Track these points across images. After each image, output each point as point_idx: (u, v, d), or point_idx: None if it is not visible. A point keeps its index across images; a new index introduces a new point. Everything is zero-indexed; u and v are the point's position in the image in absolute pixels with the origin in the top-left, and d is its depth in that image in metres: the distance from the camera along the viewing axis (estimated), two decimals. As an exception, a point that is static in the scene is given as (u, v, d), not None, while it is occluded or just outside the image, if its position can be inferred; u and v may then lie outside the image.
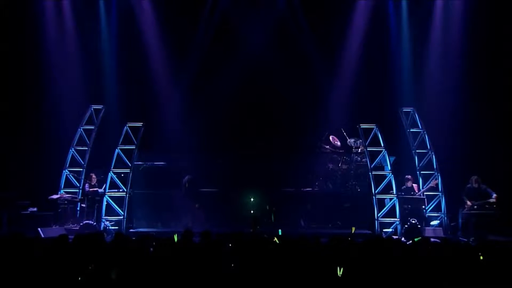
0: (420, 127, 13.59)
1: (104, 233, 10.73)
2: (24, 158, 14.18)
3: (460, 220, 12.72)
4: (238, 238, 7.15)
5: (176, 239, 7.34)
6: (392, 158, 13.29)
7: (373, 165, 12.88)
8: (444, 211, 13.12)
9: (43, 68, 14.81)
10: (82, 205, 13.09)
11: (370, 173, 12.85)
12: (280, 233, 10.53)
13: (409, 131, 13.73)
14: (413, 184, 13.17)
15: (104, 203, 12.76)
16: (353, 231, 10.07)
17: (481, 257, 5.90)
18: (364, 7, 15.42)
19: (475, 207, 12.33)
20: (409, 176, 13.17)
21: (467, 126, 14.23)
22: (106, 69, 15.51)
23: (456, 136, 14.12)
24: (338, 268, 5.59)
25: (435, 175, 13.31)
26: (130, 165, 12.95)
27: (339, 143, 14.62)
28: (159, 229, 12.97)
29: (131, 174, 12.93)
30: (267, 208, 13.32)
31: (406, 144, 13.95)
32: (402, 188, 13.02)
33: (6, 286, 5.40)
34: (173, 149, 14.55)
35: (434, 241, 8.40)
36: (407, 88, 15.21)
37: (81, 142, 13.72)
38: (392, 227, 12.58)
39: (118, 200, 12.78)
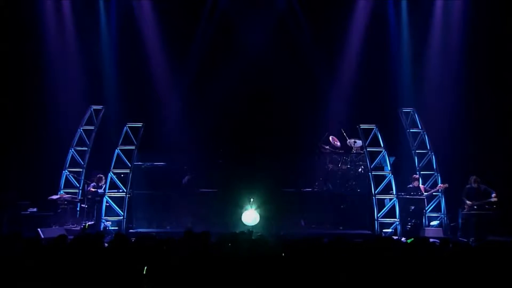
0: (420, 127, 13.59)
1: (104, 234, 10.70)
2: (24, 158, 14.17)
3: (460, 220, 12.73)
4: (238, 238, 7.15)
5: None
6: (392, 159, 13.28)
7: (373, 165, 12.88)
8: (444, 211, 13.13)
9: (43, 68, 14.81)
10: (82, 205, 13.09)
11: (370, 173, 12.84)
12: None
13: (409, 131, 13.74)
14: (420, 185, 13.14)
15: (104, 203, 12.75)
16: None
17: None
18: (364, 7, 15.41)
19: (475, 207, 12.33)
20: (416, 176, 13.14)
21: (467, 126, 14.23)
22: (106, 69, 15.50)
23: (456, 136, 14.12)
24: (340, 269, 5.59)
25: (435, 175, 13.33)
26: (130, 165, 12.94)
27: (339, 144, 14.61)
28: (159, 229, 12.95)
29: (131, 174, 12.92)
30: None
31: (406, 144, 13.95)
32: (409, 187, 13.00)
33: (5, 286, 5.40)
34: (173, 149, 14.54)
35: (434, 241, 8.40)
36: (407, 88, 15.20)
37: (81, 142, 13.73)
38: (392, 227, 12.58)
39: (118, 201, 12.77)
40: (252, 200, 13.18)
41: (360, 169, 13.99)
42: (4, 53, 14.33)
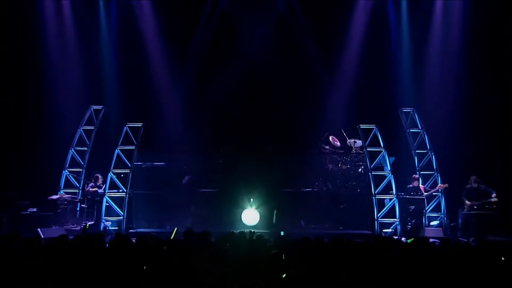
0: (420, 127, 13.59)
1: (104, 234, 10.70)
2: (24, 158, 14.17)
3: (460, 221, 12.73)
4: (237, 238, 7.15)
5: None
6: (392, 159, 13.28)
7: (373, 165, 12.88)
8: (444, 211, 13.13)
9: (43, 68, 14.81)
10: (82, 205, 13.10)
11: (370, 173, 12.85)
12: (282, 234, 10.53)
13: (409, 131, 13.74)
14: (420, 185, 13.14)
15: (104, 203, 12.76)
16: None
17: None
18: (364, 7, 15.41)
19: (475, 207, 12.34)
20: (416, 176, 13.13)
21: (467, 126, 14.23)
22: (106, 69, 15.50)
23: (456, 136, 14.13)
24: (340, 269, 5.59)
25: (435, 175, 13.34)
26: (130, 165, 12.95)
27: (339, 144, 14.60)
28: (159, 229, 12.95)
29: (131, 174, 12.92)
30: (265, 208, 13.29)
31: (406, 144, 13.95)
32: (408, 187, 13.00)
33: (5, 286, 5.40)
34: (173, 149, 14.54)
35: (434, 241, 8.41)
36: (407, 88, 15.20)
37: (81, 142, 13.73)
38: (392, 227, 12.58)
39: (118, 201, 12.77)
40: (252, 200, 13.19)
41: (360, 169, 13.99)
42: (4, 53, 14.34)
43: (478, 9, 14.38)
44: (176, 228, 10.97)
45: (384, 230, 12.51)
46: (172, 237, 11.17)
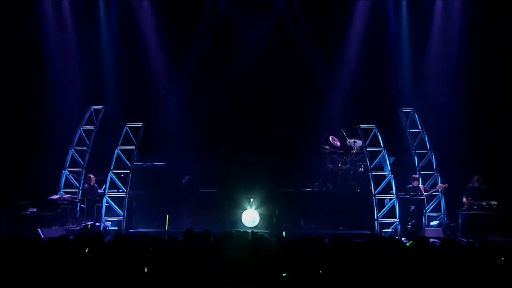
0: (420, 127, 13.60)
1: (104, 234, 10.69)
2: (24, 158, 14.17)
3: (460, 220, 12.73)
4: (236, 238, 7.16)
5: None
6: (392, 159, 13.29)
7: (373, 165, 12.88)
8: (444, 211, 13.14)
9: (43, 68, 14.81)
10: (81, 205, 13.10)
11: (370, 173, 12.85)
12: (284, 235, 10.52)
13: (409, 131, 13.74)
14: (420, 185, 13.14)
15: (104, 203, 12.75)
16: None
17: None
18: (364, 7, 15.42)
19: (475, 207, 12.34)
20: (416, 176, 13.14)
21: (467, 126, 14.23)
22: (106, 69, 15.50)
23: (456, 136, 14.12)
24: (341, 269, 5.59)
25: (435, 175, 13.34)
26: (130, 165, 12.95)
27: (338, 144, 14.61)
28: (159, 229, 12.94)
29: (130, 174, 12.93)
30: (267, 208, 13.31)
31: (406, 144, 13.95)
32: (408, 187, 13.00)
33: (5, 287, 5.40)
34: (173, 149, 14.55)
35: (434, 241, 8.40)
36: (407, 88, 15.21)
37: (81, 142, 13.73)
38: (392, 227, 12.58)
39: (118, 201, 12.77)
40: (252, 200, 13.19)
41: (360, 169, 13.99)
42: (4, 53, 14.33)
43: (478, 8, 14.39)
44: (168, 216, 11.00)
45: (384, 230, 12.51)
46: (167, 228, 11.22)
